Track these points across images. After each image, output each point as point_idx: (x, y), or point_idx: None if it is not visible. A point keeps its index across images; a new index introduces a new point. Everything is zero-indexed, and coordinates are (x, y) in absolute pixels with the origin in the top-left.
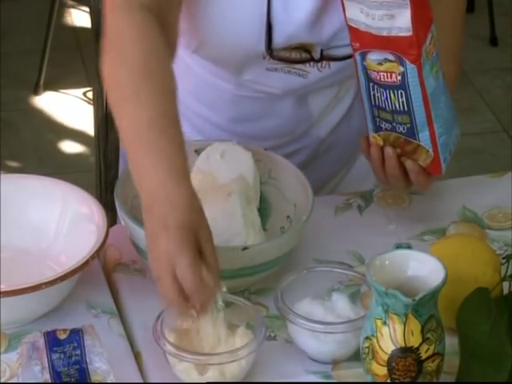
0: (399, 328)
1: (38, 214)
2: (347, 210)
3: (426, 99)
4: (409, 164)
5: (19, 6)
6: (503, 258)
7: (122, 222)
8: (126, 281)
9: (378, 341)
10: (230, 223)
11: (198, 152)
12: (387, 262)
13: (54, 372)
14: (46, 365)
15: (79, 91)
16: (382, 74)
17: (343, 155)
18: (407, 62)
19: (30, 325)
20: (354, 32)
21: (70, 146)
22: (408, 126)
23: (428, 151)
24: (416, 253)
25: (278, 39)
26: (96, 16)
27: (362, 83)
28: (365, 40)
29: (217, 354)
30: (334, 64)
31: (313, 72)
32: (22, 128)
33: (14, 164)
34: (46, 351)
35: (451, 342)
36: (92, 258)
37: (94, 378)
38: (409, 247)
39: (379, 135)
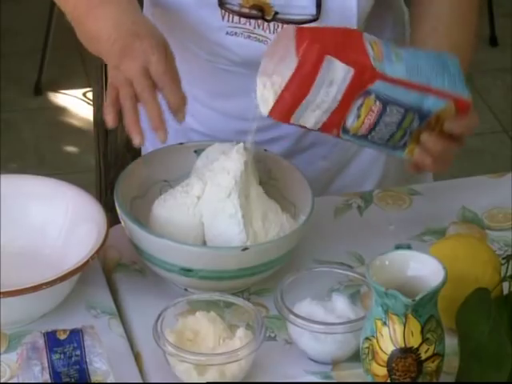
0: (399, 328)
1: (38, 214)
2: (347, 211)
3: (406, 84)
4: (447, 125)
5: (19, 6)
6: (503, 259)
7: (122, 223)
8: (125, 281)
9: (377, 341)
10: (230, 223)
11: (197, 152)
12: (387, 263)
13: (54, 372)
14: (46, 365)
15: (79, 92)
16: (366, 121)
17: (331, 154)
18: (369, 86)
19: (30, 325)
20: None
21: (70, 147)
22: (416, 116)
23: (446, 107)
24: (416, 253)
25: None
26: None
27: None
28: (332, 118)
29: (217, 355)
30: None
31: (272, 38)
32: (23, 128)
33: (14, 164)
34: (46, 351)
35: (451, 343)
36: (92, 258)
37: (94, 379)
38: (409, 248)
39: (409, 146)
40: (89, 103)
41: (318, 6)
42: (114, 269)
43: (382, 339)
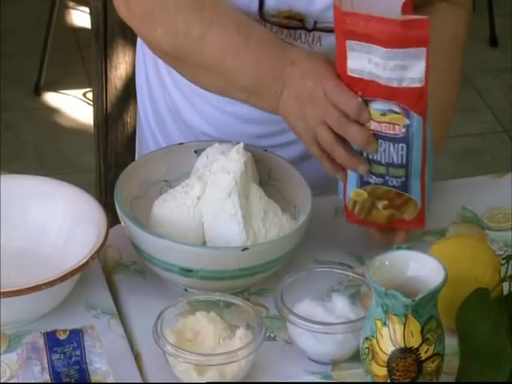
0: (399, 329)
1: (38, 214)
2: None
3: (424, 151)
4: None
5: (19, 7)
6: (503, 259)
7: (122, 223)
8: (125, 281)
9: (377, 341)
10: (230, 224)
11: (197, 153)
12: (387, 263)
13: (54, 372)
14: (46, 365)
15: (79, 92)
16: (384, 125)
17: None
18: (413, 113)
19: (29, 325)
20: (356, 82)
21: (70, 147)
22: (402, 179)
23: (417, 204)
24: (416, 253)
25: (269, 1)
26: (96, 17)
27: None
28: (369, 89)
29: (217, 355)
30: (325, 40)
31: (304, 48)
32: (22, 129)
33: (14, 165)
34: (46, 352)
35: (451, 343)
36: (92, 258)
37: (94, 379)
38: (408, 248)
39: (365, 190)
40: (89, 103)
41: None
42: (113, 269)
43: (381, 339)
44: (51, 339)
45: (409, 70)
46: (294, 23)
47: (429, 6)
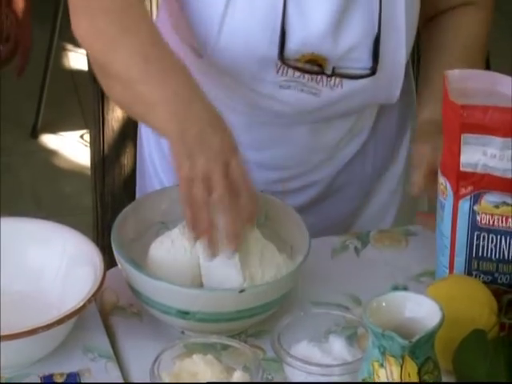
0: (396, 370)
1: (35, 257)
2: (344, 252)
3: None
4: None
5: None
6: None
7: (119, 265)
8: (122, 324)
9: (374, 383)
10: (227, 265)
11: None
12: (384, 304)
13: None
14: None
15: (76, 134)
16: (496, 217)
17: (357, 194)
18: None
19: (27, 369)
20: (469, 176)
21: (67, 189)
22: None
23: None
24: (413, 294)
25: (291, 45)
26: None
27: (460, 235)
28: (483, 182)
29: None
30: (346, 84)
31: (325, 91)
32: (20, 171)
33: (11, 207)
34: None
35: None
36: (89, 301)
37: None
38: (405, 289)
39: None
40: (86, 145)
41: (375, 58)
42: (110, 312)
43: (379, 381)
44: (48, 383)
45: None
46: (314, 68)
47: (451, 10)
